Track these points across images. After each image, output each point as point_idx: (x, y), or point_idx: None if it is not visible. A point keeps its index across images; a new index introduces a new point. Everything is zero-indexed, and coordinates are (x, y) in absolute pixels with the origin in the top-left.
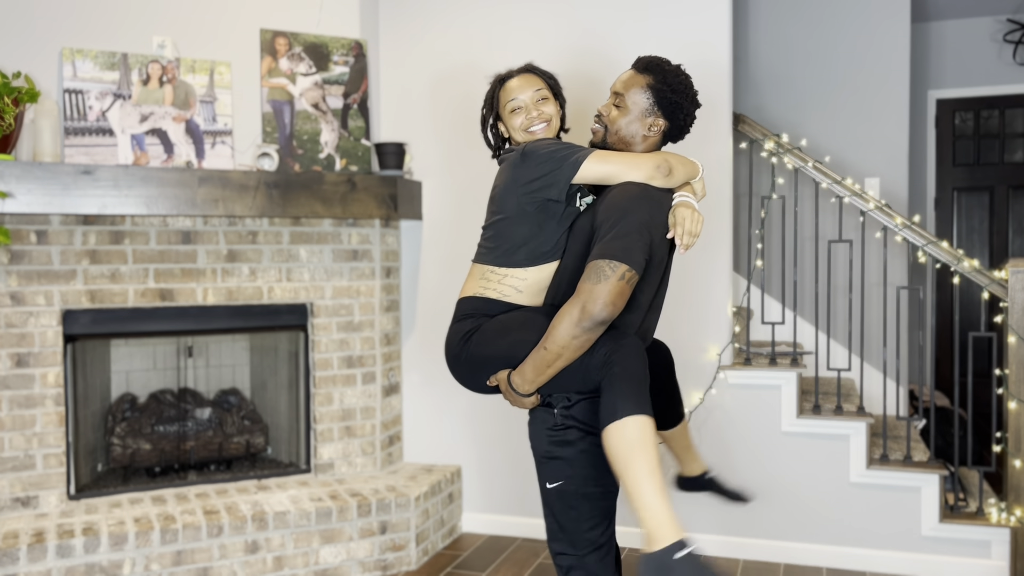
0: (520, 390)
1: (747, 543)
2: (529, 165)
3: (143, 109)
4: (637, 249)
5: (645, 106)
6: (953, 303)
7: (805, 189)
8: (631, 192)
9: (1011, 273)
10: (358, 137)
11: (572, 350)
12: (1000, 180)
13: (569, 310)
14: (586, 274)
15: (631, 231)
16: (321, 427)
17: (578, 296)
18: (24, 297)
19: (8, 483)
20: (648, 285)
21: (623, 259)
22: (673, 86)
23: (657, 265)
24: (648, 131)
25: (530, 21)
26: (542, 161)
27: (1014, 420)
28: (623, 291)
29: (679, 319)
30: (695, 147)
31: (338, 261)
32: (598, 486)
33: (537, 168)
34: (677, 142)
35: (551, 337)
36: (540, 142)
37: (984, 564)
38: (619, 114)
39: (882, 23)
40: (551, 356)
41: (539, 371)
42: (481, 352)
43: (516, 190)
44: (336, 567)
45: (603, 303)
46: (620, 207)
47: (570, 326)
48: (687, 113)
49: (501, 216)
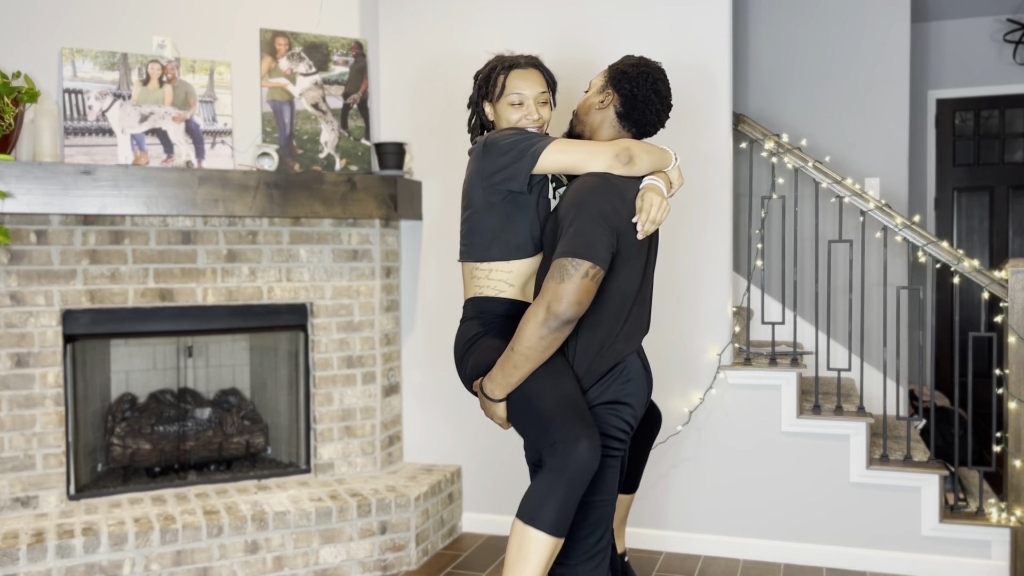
0: (491, 395)
1: (747, 543)
2: (491, 157)
3: (143, 109)
4: (600, 244)
5: (599, 84)
6: (953, 303)
7: (805, 189)
8: (591, 184)
9: (1011, 273)
10: (358, 137)
11: (540, 351)
12: (1000, 180)
13: (535, 311)
14: (550, 273)
15: (592, 225)
16: (321, 427)
17: (543, 296)
18: (24, 297)
19: (8, 483)
20: (630, 274)
21: (586, 256)
22: (625, 66)
23: (630, 255)
24: (601, 102)
25: (531, 20)
26: (503, 152)
27: (1014, 420)
28: (588, 288)
29: (679, 319)
30: (695, 147)
31: (338, 261)
32: (596, 494)
33: (499, 160)
34: (647, 131)
35: (518, 339)
36: (501, 132)
37: (984, 564)
38: (581, 102)
39: (882, 23)
40: (519, 358)
41: (507, 373)
42: (477, 362)
43: (480, 183)
44: (336, 567)
45: (568, 302)
46: (580, 201)
47: (536, 327)
48: (634, 90)
49: (471, 210)
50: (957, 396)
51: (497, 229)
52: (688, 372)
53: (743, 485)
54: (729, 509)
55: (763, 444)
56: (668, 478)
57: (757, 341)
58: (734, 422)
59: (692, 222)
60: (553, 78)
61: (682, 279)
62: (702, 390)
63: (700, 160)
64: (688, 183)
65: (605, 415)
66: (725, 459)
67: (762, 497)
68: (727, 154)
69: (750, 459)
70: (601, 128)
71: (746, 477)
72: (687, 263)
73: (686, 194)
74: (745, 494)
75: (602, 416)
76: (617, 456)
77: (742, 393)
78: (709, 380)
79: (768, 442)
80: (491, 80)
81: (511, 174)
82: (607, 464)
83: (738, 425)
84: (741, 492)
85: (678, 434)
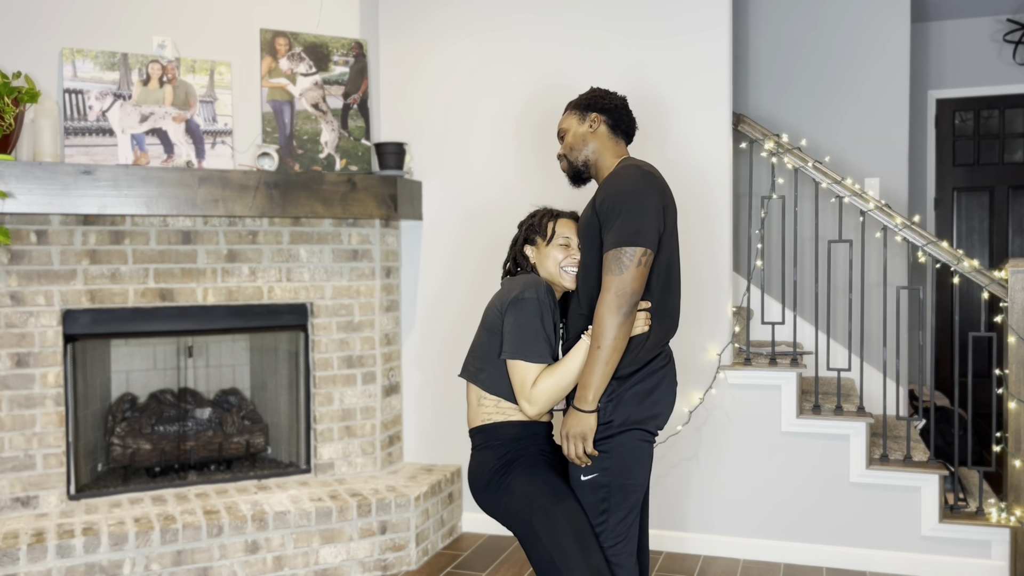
0: (586, 406)
1: (747, 543)
2: (510, 315)
3: (143, 109)
4: (648, 227)
5: (576, 118)
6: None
7: (805, 189)
8: (625, 175)
9: (1011, 273)
10: (358, 137)
11: (622, 338)
12: (1000, 180)
13: (605, 304)
14: (606, 266)
15: (638, 211)
16: (321, 427)
17: (607, 290)
18: (24, 297)
19: (8, 483)
20: (672, 249)
21: (636, 242)
22: (586, 96)
23: (671, 230)
24: (590, 127)
25: (531, 20)
26: (515, 326)
27: (1014, 420)
28: (643, 274)
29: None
30: (695, 147)
31: (338, 261)
32: (632, 477)
33: (512, 323)
34: (632, 133)
35: (600, 335)
36: (527, 302)
37: (984, 564)
38: (567, 140)
39: (882, 23)
40: (607, 352)
41: (598, 372)
42: (513, 505)
43: (498, 320)
44: (336, 567)
45: (630, 290)
46: (620, 191)
47: (611, 317)
48: (612, 102)
49: (487, 331)
50: (957, 396)
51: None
52: (688, 372)
53: (743, 485)
54: (729, 509)
55: (763, 444)
56: (668, 478)
57: (757, 341)
58: (734, 422)
59: (692, 222)
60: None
61: (682, 279)
62: (702, 390)
63: (700, 160)
64: (688, 183)
65: (641, 407)
66: (725, 459)
67: (762, 497)
68: (727, 154)
69: (750, 459)
70: (600, 149)
71: (746, 477)
72: (687, 263)
73: (686, 194)
74: (745, 494)
75: (638, 408)
76: (651, 443)
77: (742, 393)
78: (709, 380)
79: (768, 442)
80: (541, 225)
81: (513, 339)
82: (644, 449)
83: (738, 425)
84: (741, 492)
85: (678, 434)
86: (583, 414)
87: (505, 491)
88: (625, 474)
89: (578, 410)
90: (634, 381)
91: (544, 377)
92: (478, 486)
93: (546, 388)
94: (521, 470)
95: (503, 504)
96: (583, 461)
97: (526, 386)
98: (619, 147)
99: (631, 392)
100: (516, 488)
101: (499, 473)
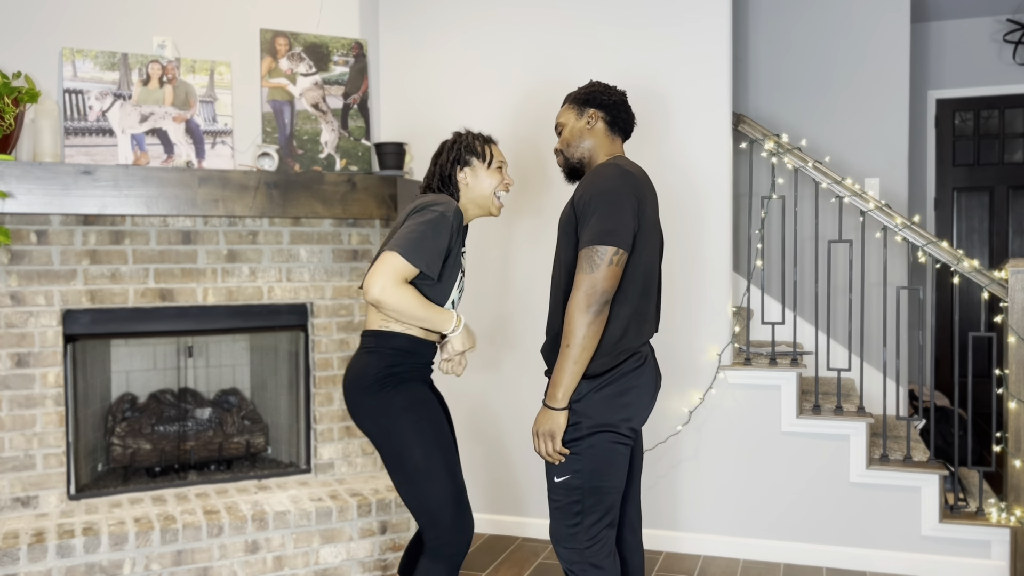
0: (556, 403)
1: (747, 543)
2: (413, 218)
3: (143, 109)
4: (622, 227)
5: (573, 113)
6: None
7: (805, 189)
8: (604, 172)
9: (1011, 273)
10: (358, 137)
11: (591, 336)
12: (1000, 180)
13: (575, 302)
14: (579, 264)
15: (613, 209)
16: (321, 427)
17: (578, 288)
18: (24, 297)
19: (8, 483)
20: (649, 252)
21: (609, 241)
22: (585, 90)
23: (650, 230)
24: (587, 123)
25: (530, 20)
26: (413, 229)
27: (1014, 420)
28: (615, 273)
29: (679, 319)
30: (696, 147)
31: (338, 261)
32: (606, 480)
33: (412, 225)
34: (629, 131)
35: (569, 333)
36: (437, 216)
37: (984, 564)
38: (564, 135)
39: (882, 23)
40: (576, 350)
41: (567, 370)
42: (383, 421)
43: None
44: (336, 567)
45: (601, 289)
46: (597, 188)
47: (581, 315)
48: (611, 98)
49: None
50: (957, 396)
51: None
52: (688, 372)
53: (743, 485)
54: (729, 509)
55: (763, 444)
56: (668, 478)
57: (757, 341)
58: (734, 422)
59: (692, 222)
60: None
61: (682, 279)
62: (702, 390)
63: (700, 160)
64: (688, 183)
65: (612, 408)
66: (725, 459)
67: (762, 497)
68: (727, 154)
69: (750, 459)
70: (596, 146)
71: (746, 477)
72: (687, 263)
73: (686, 194)
74: (745, 494)
75: (609, 409)
76: (626, 445)
77: (742, 393)
78: (709, 380)
79: (768, 442)
80: (479, 149)
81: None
82: (617, 451)
83: (738, 425)
84: (741, 492)
85: (678, 434)
86: (553, 412)
87: (384, 402)
88: (597, 477)
89: (548, 407)
90: (605, 381)
91: (408, 291)
92: (356, 385)
93: (401, 298)
94: (407, 393)
95: (374, 415)
96: (554, 459)
97: (388, 276)
98: (615, 145)
99: (601, 394)
100: (395, 406)
101: (381, 383)
